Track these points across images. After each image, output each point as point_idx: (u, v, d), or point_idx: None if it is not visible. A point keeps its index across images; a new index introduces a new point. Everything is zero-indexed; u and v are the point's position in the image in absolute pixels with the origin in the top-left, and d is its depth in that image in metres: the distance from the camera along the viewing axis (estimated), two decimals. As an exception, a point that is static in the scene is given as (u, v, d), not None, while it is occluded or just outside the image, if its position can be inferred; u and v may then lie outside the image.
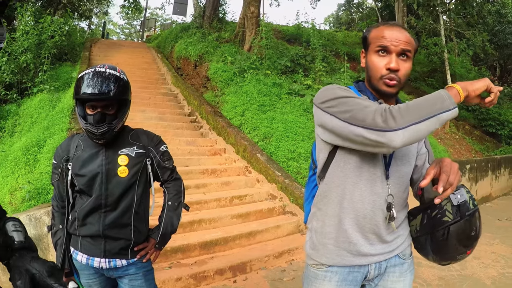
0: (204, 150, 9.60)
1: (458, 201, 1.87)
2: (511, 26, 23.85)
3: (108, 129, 2.44)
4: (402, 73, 1.94)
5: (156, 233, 2.77)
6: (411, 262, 2.21)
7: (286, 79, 12.32)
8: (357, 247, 2.03)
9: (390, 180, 2.01)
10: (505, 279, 5.76)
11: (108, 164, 2.54)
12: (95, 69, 2.44)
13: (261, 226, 6.76)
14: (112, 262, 2.60)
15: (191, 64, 14.84)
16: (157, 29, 36.66)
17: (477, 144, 16.07)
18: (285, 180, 7.85)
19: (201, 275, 5.28)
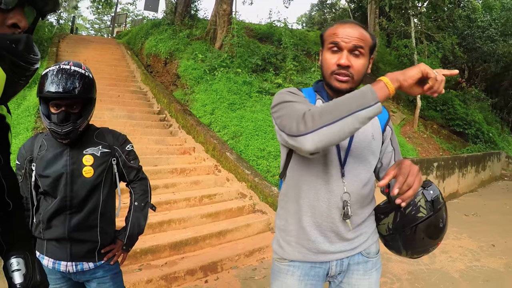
0: (173, 149, 9.54)
1: (432, 196, 1.93)
2: (480, 31, 24.51)
3: (72, 129, 2.36)
4: (354, 69, 1.95)
5: (123, 235, 2.72)
6: (377, 261, 2.22)
7: (256, 78, 12.33)
8: (316, 245, 2.06)
9: (346, 178, 2.01)
10: (472, 272, 5.93)
11: (72, 165, 2.47)
12: (59, 66, 2.35)
13: (231, 225, 6.74)
14: (79, 266, 2.54)
15: (161, 62, 14.73)
16: (128, 25, 36.18)
17: (445, 143, 16.40)
18: (254, 178, 7.85)
19: (172, 276, 5.24)
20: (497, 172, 17.70)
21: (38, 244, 2.54)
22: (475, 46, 24.19)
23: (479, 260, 6.45)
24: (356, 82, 1.99)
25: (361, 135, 2.06)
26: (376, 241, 2.21)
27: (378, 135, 2.13)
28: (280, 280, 2.15)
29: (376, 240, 2.21)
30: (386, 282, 5.45)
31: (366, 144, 2.06)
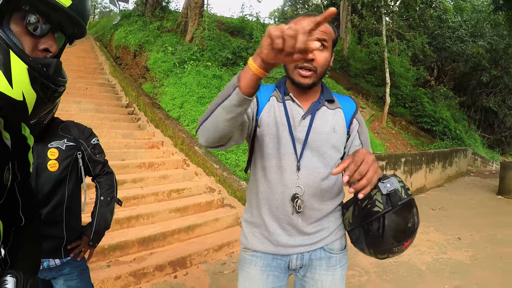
0: (142, 143, 9.41)
1: (388, 189, 1.86)
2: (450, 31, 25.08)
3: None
4: (318, 63, 1.95)
5: (89, 230, 2.70)
6: (342, 257, 2.20)
7: (226, 72, 12.25)
8: (275, 237, 2.09)
9: (301, 172, 2.01)
10: (439, 264, 6.09)
11: (38, 159, 2.43)
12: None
13: (200, 220, 6.70)
14: (45, 263, 2.50)
15: (130, 54, 14.51)
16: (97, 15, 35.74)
17: (413, 139, 16.66)
18: (223, 173, 7.82)
19: (140, 272, 5.17)
20: (464, 168, 18.07)
21: None
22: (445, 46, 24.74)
23: (445, 253, 6.62)
24: (319, 76, 2.00)
25: (319, 128, 2.05)
26: (341, 238, 2.20)
27: (341, 128, 2.10)
28: (245, 270, 2.20)
29: (341, 236, 2.20)
30: (354, 275, 5.52)
31: (325, 137, 2.05)
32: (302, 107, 2.07)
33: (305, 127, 2.04)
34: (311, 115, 2.06)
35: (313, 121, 2.04)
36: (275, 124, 2.06)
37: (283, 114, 2.06)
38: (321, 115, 2.08)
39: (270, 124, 2.06)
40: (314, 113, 2.06)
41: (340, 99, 2.20)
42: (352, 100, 2.22)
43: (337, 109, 2.13)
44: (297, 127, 2.04)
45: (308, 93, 2.10)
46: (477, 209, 10.45)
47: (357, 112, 2.18)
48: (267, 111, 2.09)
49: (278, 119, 2.06)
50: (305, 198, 2.02)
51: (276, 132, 2.05)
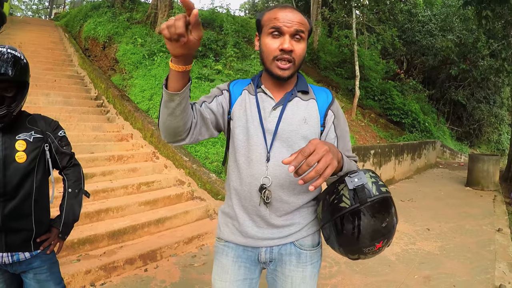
0: (111, 135, 9.33)
1: (354, 184, 1.80)
2: (420, 25, 25.38)
3: (7, 112, 2.32)
4: (296, 54, 1.94)
5: (58, 222, 2.69)
6: (314, 254, 2.17)
7: (196, 64, 12.19)
8: (244, 228, 2.10)
9: (270, 163, 2.00)
10: (408, 254, 6.20)
11: (5, 150, 2.40)
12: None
13: (170, 213, 6.68)
14: (15, 256, 2.48)
15: (99, 45, 14.36)
16: (67, 6, 35.16)
17: (382, 131, 16.79)
18: (193, 165, 7.82)
19: (111, 265, 5.13)
20: (433, 160, 18.35)
21: None
22: (415, 40, 24.98)
23: (414, 243, 6.74)
24: (296, 67, 1.99)
25: (289, 119, 2.03)
26: (314, 234, 2.18)
27: (314, 119, 2.07)
28: (218, 259, 2.22)
29: (314, 232, 2.17)
30: (325, 266, 5.57)
31: (295, 128, 2.03)
32: (274, 99, 2.07)
33: (276, 118, 2.03)
34: (282, 106, 2.05)
35: (283, 112, 2.03)
36: (245, 116, 2.07)
37: (254, 106, 2.07)
38: (293, 106, 2.06)
39: (241, 117, 2.08)
40: (285, 104, 2.05)
41: (316, 90, 2.18)
42: (329, 92, 2.20)
43: (310, 100, 2.11)
44: (268, 118, 2.04)
45: (283, 85, 2.09)
46: (446, 200, 10.63)
47: (333, 103, 2.14)
48: (239, 104, 2.12)
49: (249, 111, 2.07)
50: (273, 189, 2.00)
51: (246, 123, 2.06)
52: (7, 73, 2.28)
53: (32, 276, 2.57)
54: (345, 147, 2.13)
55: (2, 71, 2.27)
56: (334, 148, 1.74)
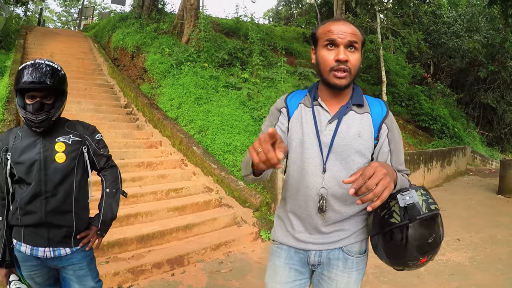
0: (140, 142, 9.51)
1: (405, 202, 1.87)
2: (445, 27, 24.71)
3: (46, 117, 2.57)
4: (351, 64, 2.01)
5: (97, 220, 2.87)
6: (360, 261, 2.23)
7: (223, 72, 12.31)
8: (296, 233, 2.23)
9: (326, 174, 2.09)
10: (437, 265, 6.00)
11: (45, 152, 2.63)
12: (35, 61, 2.59)
13: (198, 219, 6.77)
14: (57, 251, 2.67)
15: (128, 55, 14.61)
16: (95, 18, 35.73)
17: (410, 138, 16.53)
18: (221, 173, 7.88)
19: (138, 269, 5.25)
20: (462, 167, 17.76)
21: (16, 231, 2.68)
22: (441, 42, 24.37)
23: (444, 254, 6.51)
24: (352, 76, 2.06)
25: (343, 133, 2.09)
26: (362, 241, 2.24)
27: (368, 133, 2.12)
28: (271, 261, 2.37)
29: (362, 240, 2.23)
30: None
31: (349, 142, 2.08)
32: (329, 112, 2.14)
33: (331, 132, 2.10)
34: (337, 119, 2.11)
35: (339, 126, 2.10)
36: (301, 129, 2.17)
37: (310, 119, 2.16)
38: (348, 119, 2.12)
39: (297, 130, 2.18)
40: (341, 118, 2.11)
41: (371, 102, 2.22)
42: (384, 104, 2.23)
43: (365, 113, 2.15)
44: (323, 131, 2.11)
45: (339, 96, 2.15)
46: (477, 209, 10.25)
47: (387, 117, 2.18)
48: (295, 118, 2.22)
49: (305, 125, 2.16)
50: (328, 199, 2.10)
51: (302, 136, 2.16)
52: (46, 82, 2.52)
53: (72, 272, 2.76)
54: (398, 161, 2.19)
55: (41, 80, 2.51)
56: (391, 170, 1.82)
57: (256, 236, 6.79)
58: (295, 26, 27.36)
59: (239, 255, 6.21)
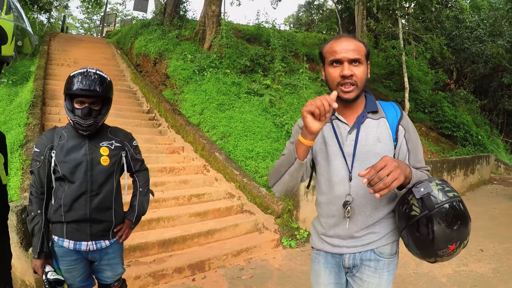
0: (163, 148, 9.58)
1: (420, 194, 1.95)
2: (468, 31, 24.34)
3: (93, 122, 2.84)
4: (357, 77, 2.11)
5: (132, 215, 3.21)
6: (391, 262, 2.29)
7: (245, 79, 12.35)
8: (331, 240, 2.34)
9: (353, 182, 2.20)
10: (460, 276, 5.87)
11: (91, 154, 2.91)
12: (86, 70, 2.86)
13: (220, 225, 6.79)
14: (99, 244, 2.99)
15: (150, 61, 14.74)
16: (117, 24, 36.09)
17: (433, 145, 16.35)
18: (243, 179, 7.90)
19: (159, 273, 5.28)
20: (486, 175, 17.28)
21: (56, 228, 2.92)
22: (464, 47, 24.03)
23: (467, 265, 6.38)
24: (360, 88, 2.16)
25: (363, 140, 2.20)
26: (393, 243, 2.30)
27: (386, 137, 2.22)
28: (313, 267, 2.49)
29: (393, 242, 2.30)
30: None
31: (370, 148, 2.19)
32: (348, 124, 2.25)
33: (352, 141, 2.21)
34: (356, 129, 2.22)
35: (358, 135, 2.21)
36: (324, 143, 2.29)
37: (331, 134, 2.27)
38: (365, 127, 2.23)
39: (321, 146, 2.31)
40: (359, 127, 2.22)
41: (385, 107, 2.33)
42: (397, 107, 2.34)
43: (381, 118, 2.26)
44: (345, 142, 2.23)
45: (353, 107, 2.26)
46: (500, 219, 10.01)
47: (402, 118, 2.28)
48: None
49: (327, 139, 2.28)
50: (355, 205, 2.21)
51: (325, 149, 2.29)
52: (96, 90, 2.79)
53: (107, 261, 3.10)
54: (417, 159, 2.27)
55: (92, 88, 2.78)
56: (403, 165, 1.94)
57: (277, 243, 6.78)
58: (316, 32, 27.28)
59: (260, 262, 6.20)
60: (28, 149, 6.90)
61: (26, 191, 5.62)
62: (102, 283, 3.19)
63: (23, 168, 6.28)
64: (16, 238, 4.61)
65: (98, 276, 3.17)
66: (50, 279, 2.82)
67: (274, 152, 8.68)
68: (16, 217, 4.67)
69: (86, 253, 2.97)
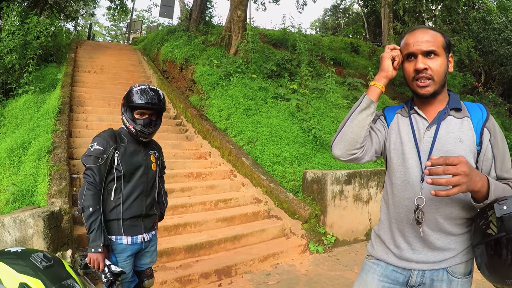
0: (189, 153, 9.62)
1: (502, 213, 1.70)
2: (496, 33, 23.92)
3: (153, 131, 3.33)
4: (433, 70, 1.98)
5: (163, 208, 3.76)
6: (465, 283, 2.08)
7: (271, 83, 12.34)
8: (400, 251, 2.12)
9: (425, 183, 1.91)
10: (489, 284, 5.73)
11: (146, 160, 3.37)
12: (145, 85, 3.31)
13: (246, 230, 6.78)
14: (149, 234, 3.45)
15: (177, 67, 14.83)
16: (143, 31, 36.47)
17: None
18: (270, 184, 7.87)
19: (186, 278, 5.30)
20: None
21: (113, 226, 3.21)
22: (492, 49, 23.59)
23: None
24: (438, 83, 2.01)
25: (443, 138, 2.02)
26: (467, 262, 2.08)
27: (470, 138, 2.01)
28: (362, 276, 2.28)
29: (468, 260, 2.08)
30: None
31: (450, 148, 1.99)
32: (427, 118, 2.09)
33: (430, 138, 2.04)
34: (436, 125, 2.05)
35: (438, 131, 2.03)
36: (400, 139, 2.14)
37: (408, 128, 2.13)
38: (447, 124, 2.04)
39: (396, 140, 2.16)
40: (439, 124, 2.04)
41: (470, 107, 2.11)
42: (484, 108, 2.09)
43: (465, 118, 2.05)
44: (422, 139, 2.06)
45: (434, 103, 2.10)
46: None
47: (488, 120, 2.04)
48: (392, 128, 2.22)
49: (403, 134, 2.14)
50: (427, 210, 1.99)
51: (400, 147, 2.13)
52: (156, 103, 3.24)
53: (149, 248, 3.48)
54: (504, 168, 2.02)
55: (155, 101, 3.23)
56: (477, 177, 1.73)
57: (304, 249, 6.74)
58: (342, 36, 27.16)
59: (287, 267, 6.17)
60: (55, 155, 6.96)
61: (53, 197, 5.66)
62: (137, 270, 3.49)
63: (51, 174, 6.34)
64: (43, 243, 4.67)
65: (136, 264, 3.47)
66: (115, 271, 3.03)
67: (301, 157, 8.65)
68: (43, 223, 4.73)
69: (140, 244, 3.35)
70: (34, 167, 6.72)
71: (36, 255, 1.53)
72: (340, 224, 7.28)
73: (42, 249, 4.45)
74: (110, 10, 27.92)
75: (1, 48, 11.12)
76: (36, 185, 6.33)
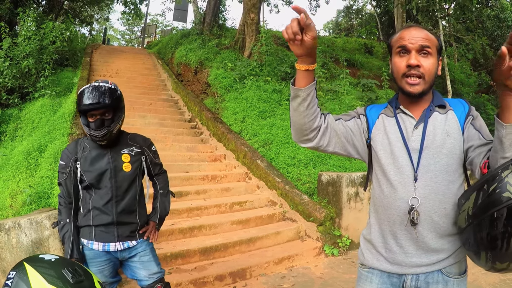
0: (204, 156, 9.64)
1: None
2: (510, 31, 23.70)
3: (107, 132, 2.99)
4: (425, 69, 1.95)
5: (155, 216, 3.44)
6: (461, 282, 2.06)
7: (286, 86, 12.30)
8: (392, 254, 2.07)
9: (418, 182, 1.96)
10: (506, 285, 5.68)
11: (114, 162, 3.11)
12: (90, 84, 3.03)
13: (261, 232, 6.77)
14: (126, 244, 3.17)
15: (191, 70, 14.87)
16: (158, 35, 36.66)
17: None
18: (285, 186, 7.86)
19: (201, 280, 5.30)
20: None
21: (85, 232, 3.12)
22: None
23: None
24: (427, 83, 1.99)
25: (432, 135, 2.00)
26: (462, 261, 2.08)
27: (456, 130, 2.01)
28: (361, 286, 2.22)
29: (461, 259, 2.07)
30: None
31: (439, 143, 1.98)
32: (414, 117, 2.07)
33: (419, 136, 2.01)
34: (423, 123, 2.03)
35: (426, 129, 2.01)
36: (387, 139, 2.09)
37: (395, 128, 2.09)
38: (433, 120, 2.03)
39: (383, 140, 2.11)
40: (426, 121, 2.03)
41: (452, 103, 2.12)
42: (465, 102, 2.11)
43: (449, 111, 2.06)
44: (411, 138, 2.03)
45: (420, 102, 2.08)
46: None
47: (471, 110, 2.05)
48: (377, 128, 2.16)
49: (390, 134, 2.09)
50: (422, 209, 1.95)
51: (389, 146, 2.08)
52: (102, 102, 2.93)
53: (138, 259, 3.24)
54: (489, 136, 1.93)
55: (98, 101, 2.92)
56: None
57: (319, 251, 6.72)
58: (356, 37, 27.03)
59: (302, 270, 6.16)
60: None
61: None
62: (143, 285, 3.30)
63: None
64: (59, 245, 4.69)
65: (136, 277, 3.30)
66: None
67: (316, 159, 8.62)
68: (61, 226, 4.77)
69: (115, 253, 3.16)
70: (51, 169, 6.80)
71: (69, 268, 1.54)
72: (356, 226, 7.23)
73: (57, 251, 4.52)
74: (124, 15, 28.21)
75: (17, 52, 11.27)
76: (52, 187, 6.40)
